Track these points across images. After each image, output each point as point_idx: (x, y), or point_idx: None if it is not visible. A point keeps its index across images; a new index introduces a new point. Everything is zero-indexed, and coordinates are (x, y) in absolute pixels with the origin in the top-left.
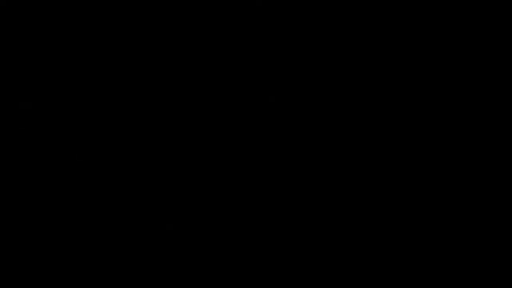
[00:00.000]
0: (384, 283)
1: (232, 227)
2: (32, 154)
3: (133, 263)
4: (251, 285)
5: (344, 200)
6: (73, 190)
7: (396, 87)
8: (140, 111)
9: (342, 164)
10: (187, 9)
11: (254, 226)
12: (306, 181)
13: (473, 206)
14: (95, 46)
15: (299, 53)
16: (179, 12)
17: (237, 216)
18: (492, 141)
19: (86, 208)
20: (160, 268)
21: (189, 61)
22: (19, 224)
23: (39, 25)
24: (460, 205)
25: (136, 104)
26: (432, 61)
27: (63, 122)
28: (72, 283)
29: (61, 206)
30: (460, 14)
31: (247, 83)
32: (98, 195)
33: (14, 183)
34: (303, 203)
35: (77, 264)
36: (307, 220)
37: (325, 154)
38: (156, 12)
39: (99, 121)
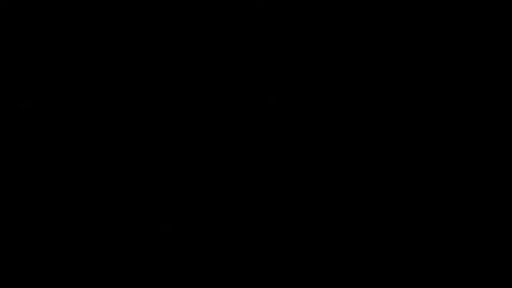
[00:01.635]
0: (384, 283)
1: (232, 227)
2: (32, 154)
3: (133, 263)
4: (251, 285)
5: (344, 200)
6: (73, 190)
7: (396, 87)
8: (140, 111)
9: (342, 164)
10: (187, 9)
11: (254, 226)
12: (306, 181)
13: (473, 206)
14: (95, 46)
15: (299, 53)
16: (179, 12)
17: (237, 216)
18: (492, 141)
19: (86, 208)
20: (160, 268)
21: (189, 61)
22: (19, 224)
23: (39, 25)
24: (460, 205)
25: (136, 104)
26: (432, 61)
27: (63, 122)
28: (72, 283)
29: (61, 206)
30: (460, 14)
31: (247, 83)
32: (98, 195)
33: (14, 183)
34: (303, 203)
35: (77, 264)
36: (307, 220)
37: (325, 154)
38: (156, 12)
39: (99, 121)
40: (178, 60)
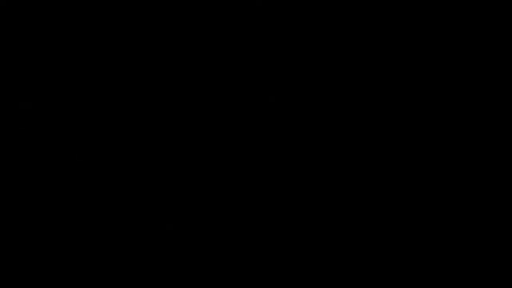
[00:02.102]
0: (384, 283)
1: (232, 227)
2: (32, 154)
3: (133, 263)
4: (251, 285)
5: (344, 200)
6: (73, 190)
7: (396, 87)
8: (140, 111)
9: (342, 164)
10: (187, 9)
11: (254, 226)
12: (306, 181)
13: (473, 206)
14: (95, 46)
15: (299, 53)
16: (179, 12)
17: (237, 216)
18: (492, 141)
19: (86, 208)
20: (160, 268)
21: (189, 61)
22: (19, 224)
23: (39, 25)
24: (460, 205)
25: (136, 104)
26: (432, 61)
27: (63, 122)
28: (72, 283)
29: (61, 206)
30: (460, 14)
31: (247, 83)
32: (98, 195)
33: (14, 183)
34: (303, 203)
35: (77, 264)
36: (307, 220)
37: (325, 154)
38: (156, 12)
39: (99, 121)
40: (178, 60)
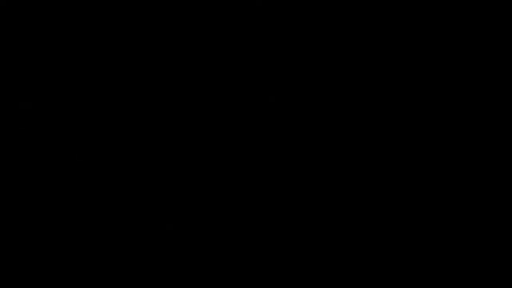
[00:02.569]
0: (384, 283)
1: (232, 227)
2: (32, 154)
3: (133, 263)
4: (251, 285)
5: (344, 200)
6: (73, 190)
7: (396, 87)
8: (140, 111)
9: (342, 164)
10: (187, 9)
11: (254, 226)
12: (306, 181)
13: (473, 206)
14: (95, 46)
15: (299, 53)
16: (179, 12)
17: (237, 216)
18: (492, 141)
19: (86, 208)
20: (160, 268)
21: (189, 61)
22: (19, 224)
23: (39, 25)
24: (460, 205)
25: (136, 104)
26: (432, 61)
27: (63, 122)
28: (72, 283)
29: (61, 206)
30: (460, 14)
31: (247, 83)
32: (98, 195)
33: (14, 183)
34: (303, 203)
35: (77, 264)
36: (307, 220)
37: (325, 154)
38: (156, 12)
39: (99, 121)
40: (178, 60)
